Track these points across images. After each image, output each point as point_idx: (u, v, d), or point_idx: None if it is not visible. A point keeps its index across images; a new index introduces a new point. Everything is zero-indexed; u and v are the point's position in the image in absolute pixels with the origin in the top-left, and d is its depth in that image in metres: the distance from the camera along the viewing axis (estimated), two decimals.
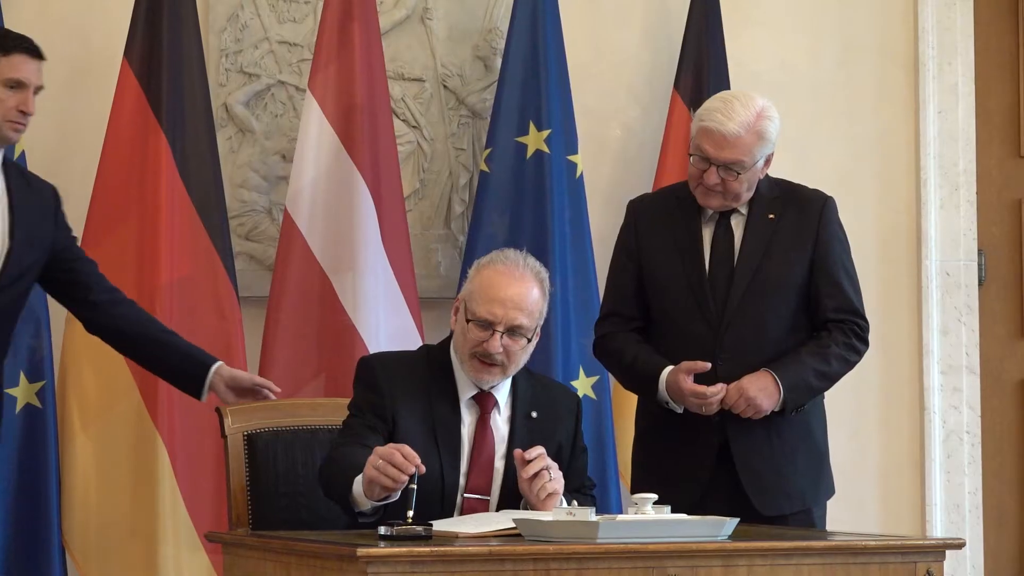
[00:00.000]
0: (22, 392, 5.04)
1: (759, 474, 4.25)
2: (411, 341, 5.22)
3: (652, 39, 5.97)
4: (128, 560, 5.07)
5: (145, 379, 5.06)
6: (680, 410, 4.23)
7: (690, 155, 4.29)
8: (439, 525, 3.71)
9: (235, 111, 5.58)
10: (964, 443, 5.99)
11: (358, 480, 3.71)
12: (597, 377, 5.53)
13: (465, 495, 3.96)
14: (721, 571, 3.59)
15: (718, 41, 5.71)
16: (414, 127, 5.68)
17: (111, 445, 5.10)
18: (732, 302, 4.27)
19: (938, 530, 5.91)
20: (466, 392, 4.01)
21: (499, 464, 3.99)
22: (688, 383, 4.14)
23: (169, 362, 4.52)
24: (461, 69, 5.74)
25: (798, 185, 4.48)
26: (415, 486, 3.74)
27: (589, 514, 3.60)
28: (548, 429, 4.07)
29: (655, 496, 3.79)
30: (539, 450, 3.83)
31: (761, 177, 4.31)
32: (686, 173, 5.45)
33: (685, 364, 4.16)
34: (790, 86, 5.98)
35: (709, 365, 4.18)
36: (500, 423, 4.04)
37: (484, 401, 4.01)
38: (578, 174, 5.56)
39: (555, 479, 3.85)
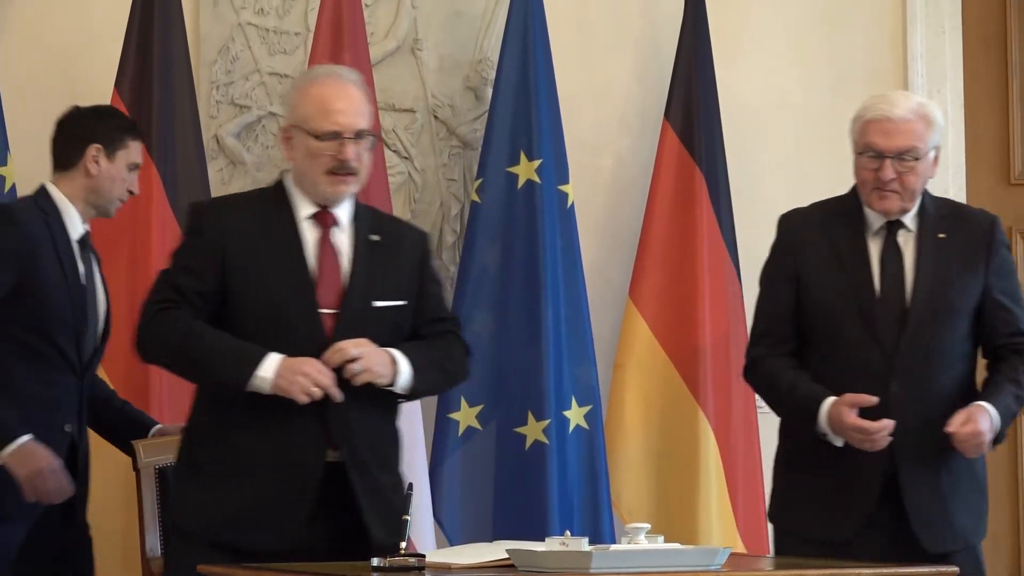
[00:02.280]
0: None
1: (926, 509, 4.02)
2: None
3: (642, 69, 5.97)
4: None
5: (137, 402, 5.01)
6: (840, 444, 4.01)
7: (859, 156, 4.10)
8: (431, 557, 3.69)
9: (226, 143, 5.57)
10: None
11: (268, 371, 3.74)
12: (590, 407, 5.48)
13: (320, 309, 3.88)
14: None
15: (708, 71, 5.67)
16: (405, 158, 5.68)
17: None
18: (909, 326, 4.03)
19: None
20: (304, 211, 3.95)
21: (345, 280, 3.94)
22: (852, 418, 3.92)
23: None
24: (452, 100, 5.74)
25: (962, 204, 4.41)
26: (408, 517, 3.70)
27: (583, 544, 3.55)
28: (391, 254, 4.02)
29: (648, 526, 3.74)
30: (333, 348, 3.76)
31: (931, 177, 4.13)
32: (677, 204, 5.73)
33: (849, 397, 3.94)
34: (780, 115, 6.00)
35: (876, 400, 3.94)
36: (343, 240, 3.98)
37: (323, 218, 3.96)
38: (569, 204, 5.55)
39: (363, 362, 3.80)
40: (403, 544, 3.64)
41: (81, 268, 4.63)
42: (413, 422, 5.21)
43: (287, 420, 3.82)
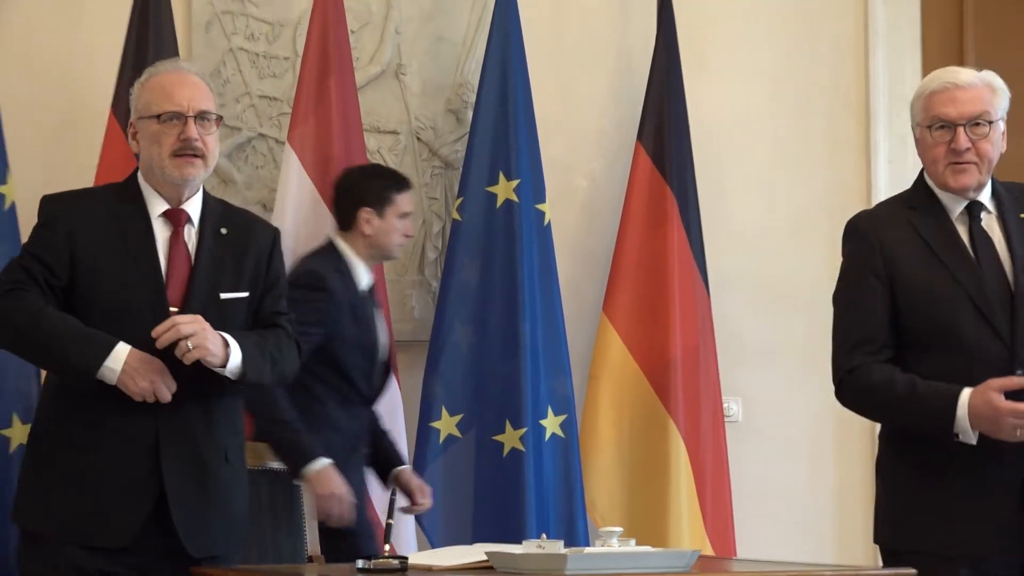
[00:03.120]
0: (17, 431, 4.98)
1: None
2: (388, 386, 5.24)
3: (616, 92, 5.97)
4: None
5: None
6: (975, 440, 3.58)
7: (927, 131, 3.77)
8: (414, 559, 3.72)
9: (218, 163, 5.51)
10: None
11: (116, 364, 3.65)
12: (565, 416, 5.52)
13: (169, 308, 3.75)
14: None
15: (679, 94, 5.71)
16: None
17: None
18: (1020, 311, 3.64)
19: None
20: (156, 209, 3.84)
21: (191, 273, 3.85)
22: (1004, 401, 3.51)
23: None
24: (434, 122, 5.75)
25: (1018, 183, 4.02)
26: (392, 521, 3.78)
27: (559, 547, 3.59)
28: (238, 247, 3.91)
29: (621, 529, 3.77)
30: (167, 323, 3.65)
31: (1003, 151, 3.77)
32: (649, 222, 5.73)
33: (995, 382, 3.54)
34: (748, 135, 6.02)
35: None
36: (192, 236, 3.87)
37: (176, 216, 3.85)
38: (546, 222, 5.57)
39: (196, 339, 3.68)
40: (387, 546, 3.71)
41: (369, 314, 5.03)
42: (396, 430, 5.28)
43: (123, 416, 3.72)
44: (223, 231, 3.88)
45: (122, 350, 3.66)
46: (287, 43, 5.66)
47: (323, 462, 4.76)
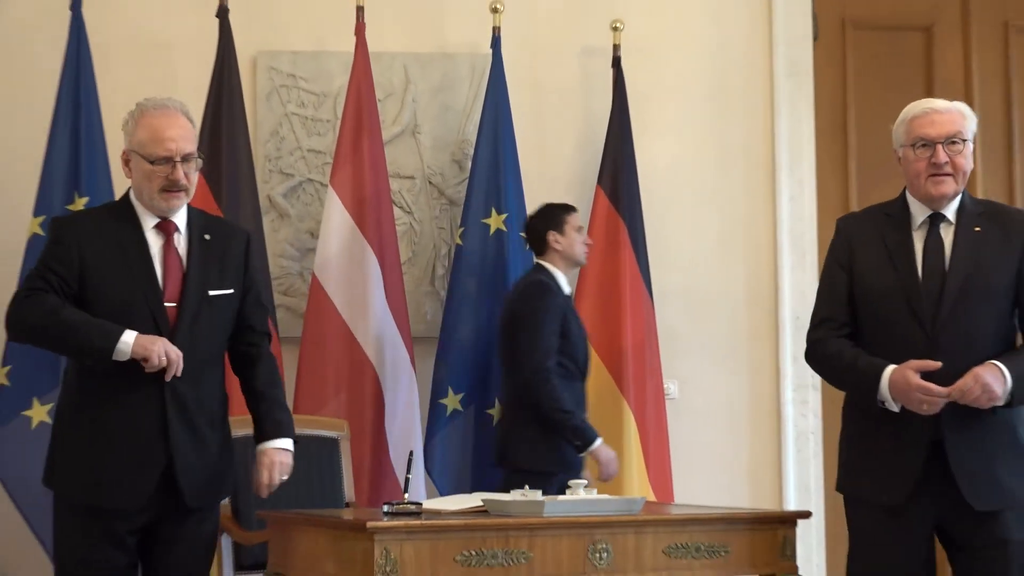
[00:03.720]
0: None
1: (972, 471, 3.44)
2: (407, 372, 5.33)
3: (581, 148, 5.89)
4: None
5: None
6: (897, 408, 3.51)
7: (909, 150, 3.60)
8: (426, 504, 3.80)
9: (276, 201, 5.64)
10: (810, 442, 5.87)
11: (128, 339, 3.51)
12: None
13: (165, 303, 3.63)
14: (634, 536, 3.65)
15: (629, 149, 5.70)
16: (408, 212, 5.72)
17: None
18: (945, 306, 3.48)
19: (792, 506, 5.76)
20: (149, 223, 3.69)
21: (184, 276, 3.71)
22: (917, 379, 3.44)
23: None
24: (442, 170, 5.78)
25: (1000, 203, 3.96)
26: (410, 476, 3.83)
27: (538, 495, 3.71)
28: (220, 250, 3.77)
29: (586, 482, 3.87)
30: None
31: (970, 168, 3.61)
32: (607, 248, 5.63)
33: (914, 362, 3.47)
34: (682, 180, 5.97)
35: (939, 364, 3.47)
36: (182, 243, 3.71)
37: (166, 227, 3.70)
38: (527, 248, 5.45)
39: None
40: (407, 495, 3.75)
41: (575, 311, 5.25)
42: (413, 406, 5.33)
43: (135, 393, 3.58)
44: (206, 237, 3.76)
45: (130, 332, 3.54)
46: (329, 109, 5.70)
47: (599, 439, 5.07)
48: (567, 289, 5.26)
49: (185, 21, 5.62)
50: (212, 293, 3.71)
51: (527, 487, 3.79)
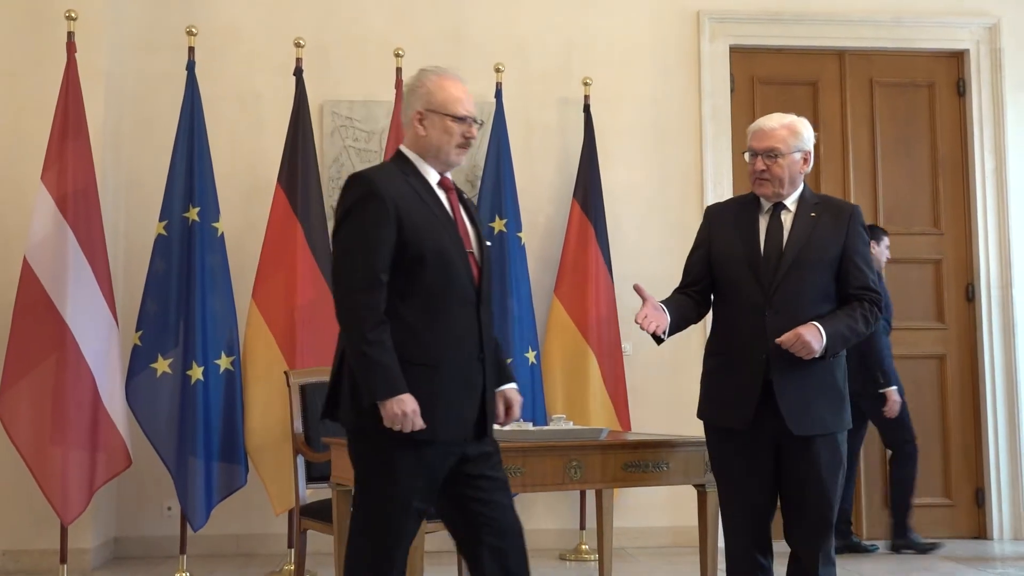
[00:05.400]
0: (224, 362, 5.04)
1: (793, 404, 3.19)
2: None
3: (561, 171, 5.87)
4: (278, 455, 5.01)
5: (288, 354, 5.04)
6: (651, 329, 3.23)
7: (746, 156, 3.36)
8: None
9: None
10: None
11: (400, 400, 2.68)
12: (535, 352, 5.46)
13: (468, 251, 2.84)
14: (599, 456, 3.60)
15: (596, 171, 5.68)
16: None
17: (270, 391, 5.04)
18: (780, 272, 3.24)
19: None
20: (433, 179, 2.90)
21: (465, 229, 2.88)
22: (642, 308, 3.24)
23: None
24: (459, 187, 5.79)
25: (833, 196, 3.64)
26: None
27: (528, 426, 3.69)
28: (472, 208, 3.01)
29: (564, 415, 3.88)
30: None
31: (803, 172, 3.36)
32: (579, 243, 5.62)
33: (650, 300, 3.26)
34: (634, 194, 5.94)
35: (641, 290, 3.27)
36: (454, 199, 2.92)
37: (445, 182, 2.92)
38: (522, 243, 5.55)
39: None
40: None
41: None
42: None
43: (460, 323, 2.81)
44: (466, 196, 3.01)
45: (408, 396, 2.70)
46: (376, 143, 5.74)
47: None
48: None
49: (271, 78, 5.75)
50: (487, 244, 2.96)
51: (520, 419, 3.46)
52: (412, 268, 2.77)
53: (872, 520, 6.05)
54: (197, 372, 4.96)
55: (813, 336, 3.16)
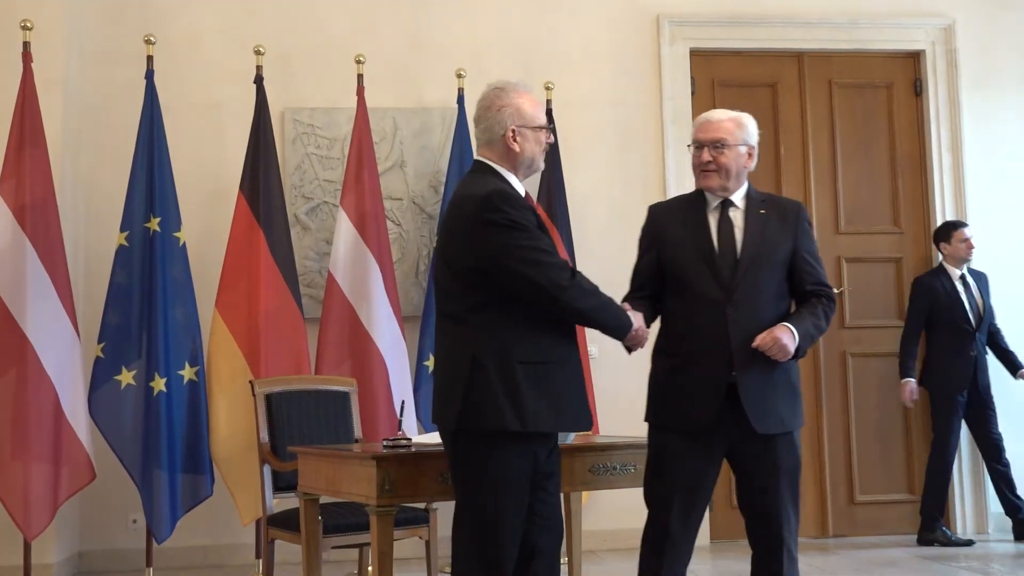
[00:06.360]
0: (187, 372, 5.01)
1: (757, 403, 3.11)
2: (399, 343, 5.21)
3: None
4: (244, 465, 4.96)
5: (253, 363, 5.02)
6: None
7: (692, 148, 3.32)
8: (416, 439, 3.61)
9: (300, 218, 5.65)
10: None
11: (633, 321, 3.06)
12: None
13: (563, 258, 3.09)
14: (568, 459, 3.45)
15: (559, 173, 5.67)
16: (397, 225, 5.72)
17: (235, 401, 5.02)
18: (740, 269, 3.16)
19: None
20: (522, 191, 3.09)
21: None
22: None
23: None
24: (422, 193, 5.77)
25: (776, 195, 3.65)
26: (402, 419, 3.67)
27: None
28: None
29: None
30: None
31: (748, 167, 3.31)
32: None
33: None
34: (596, 199, 5.93)
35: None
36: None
37: (528, 196, 3.19)
38: None
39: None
40: (399, 432, 3.57)
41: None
42: (404, 367, 5.20)
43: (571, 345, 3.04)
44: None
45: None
46: (339, 149, 5.72)
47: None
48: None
49: (231, 86, 5.72)
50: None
51: None
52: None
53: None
54: (160, 383, 4.93)
55: (788, 337, 3.11)
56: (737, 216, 3.26)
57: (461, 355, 2.94)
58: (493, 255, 2.91)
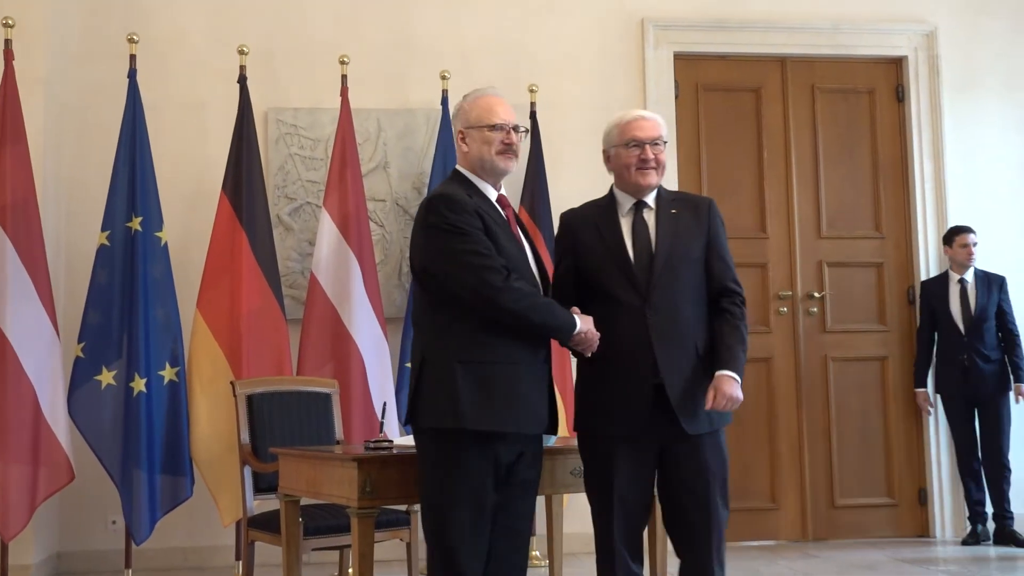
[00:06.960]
0: (168, 372, 5.00)
1: (685, 405, 3.05)
2: (381, 344, 5.21)
3: (508, 176, 5.42)
4: (225, 466, 4.99)
5: (235, 364, 5.02)
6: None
7: (622, 149, 3.26)
8: (397, 442, 3.57)
9: (283, 218, 5.64)
10: None
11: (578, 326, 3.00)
12: None
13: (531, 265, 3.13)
14: (550, 461, 3.45)
15: (543, 176, 5.67)
16: (380, 226, 5.71)
17: (216, 402, 5.02)
18: (655, 272, 3.11)
19: None
20: (491, 194, 3.13)
21: (523, 241, 3.16)
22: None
23: None
24: (405, 194, 5.77)
25: (687, 192, 3.59)
26: (384, 420, 3.68)
27: None
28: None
29: None
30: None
31: (666, 164, 3.32)
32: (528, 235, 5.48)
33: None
34: (578, 202, 5.36)
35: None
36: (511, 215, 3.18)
37: (502, 201, 3.18)
38: None
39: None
40: (381, 434, 3.59)
41: None
42: (386, 369, 5.19)
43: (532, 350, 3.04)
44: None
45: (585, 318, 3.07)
46: (322, 150, 5.71)
47: None
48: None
49: (214, 86, 5.69)
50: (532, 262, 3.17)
51: None
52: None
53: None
54: (140, 384, 4.92)
55: (734, 387, 3.07)
56: (650, 217, 3.23)
57: (415, 356, 3.08)
58: (433, 259, 2.98)
